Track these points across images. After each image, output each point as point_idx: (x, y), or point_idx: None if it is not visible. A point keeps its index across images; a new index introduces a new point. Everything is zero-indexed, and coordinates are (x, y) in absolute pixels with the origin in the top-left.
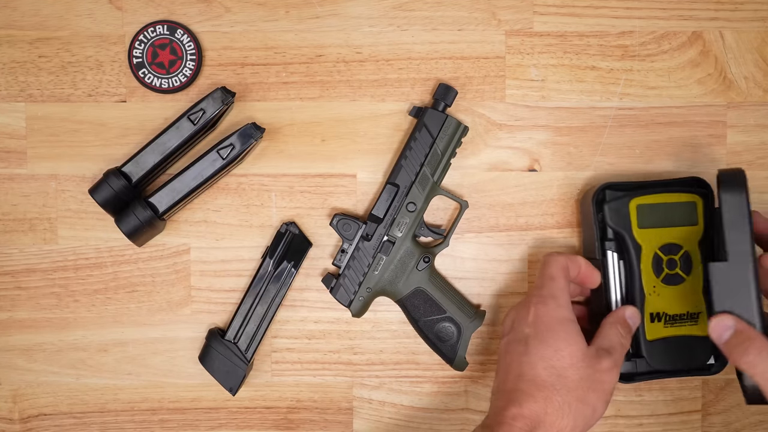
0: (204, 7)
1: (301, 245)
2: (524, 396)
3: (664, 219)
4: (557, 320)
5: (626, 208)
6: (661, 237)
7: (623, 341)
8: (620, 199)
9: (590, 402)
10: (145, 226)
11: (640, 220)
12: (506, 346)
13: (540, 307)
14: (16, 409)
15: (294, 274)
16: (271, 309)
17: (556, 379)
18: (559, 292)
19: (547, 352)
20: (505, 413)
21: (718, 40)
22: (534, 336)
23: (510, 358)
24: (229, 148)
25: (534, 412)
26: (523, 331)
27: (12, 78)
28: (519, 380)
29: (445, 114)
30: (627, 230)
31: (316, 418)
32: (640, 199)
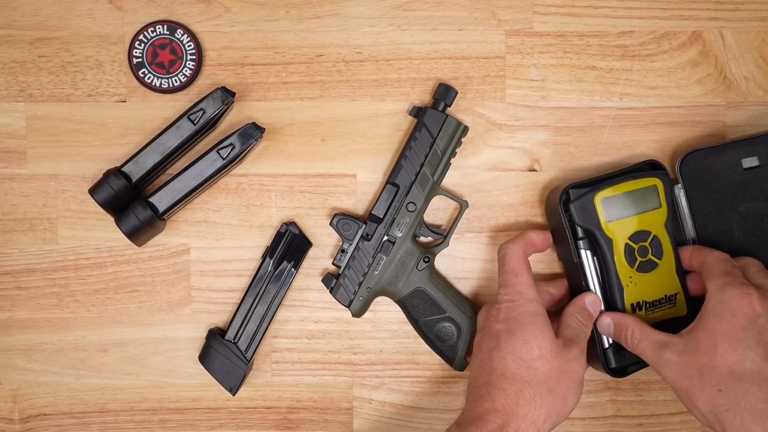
0: (204, 7)
1: (301, 245)
2: (496, 390)
3: (629, 207)
4: (526, 315)
5: (591, 203)
6: (630, 226)
7: (585, 329)
8: (585, 195)
9: (560, 392)
10: (145, 226)
11: (607, 214)
12: (479, 342)
13: (509, 305)
14: (16, 409)
15: (294, 274)
16: (271, 309)
17: (526, 372)
18: (525, 288)
19: (516, 345)
20: (478, 408)
21: (718, 40)
22: (504, 331)
23: (482, 354)
24: (229, 148)
25: (506, 405)
26: (494, 327)
27: (12, 78)
28: (491, 375)
29: (445, 114)
30: (596, 226)
31: (316, 418)
32: (603, 193)
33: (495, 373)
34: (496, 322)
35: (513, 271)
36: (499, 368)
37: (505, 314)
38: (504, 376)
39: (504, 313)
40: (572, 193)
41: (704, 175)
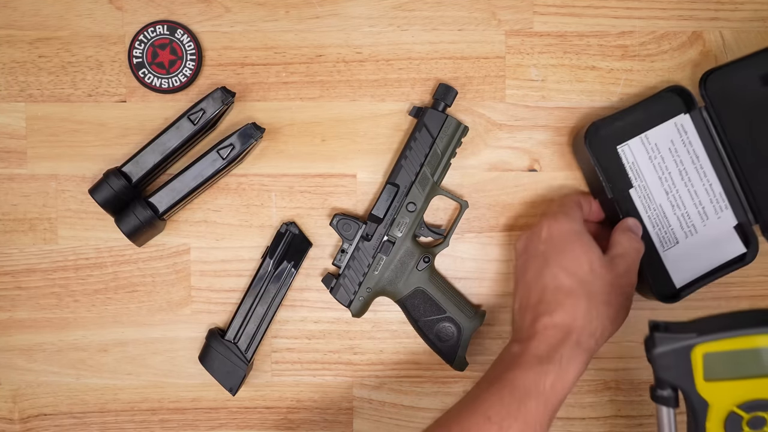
0: (204, 7)
1: (301, 245)
2: (552, 306)
3: (745, 367)
4: (571, 232)
5: (687, 358)
6: (741, 390)
7: (636, 245)
8: (678, 343)
9: (614, 304)
10: (145, 226)
11: (707, 371)
12: (524, 264)
13: (552, 223)
14: (16, 409)
15: (294, 274)
16: (271, 309)
17: (579, 286)
18: (570, 209)
19: (566, 260)
20: (536, 325)
21: (718, 40)
22: (551, 249)
23: (530, 275)
24: (229, 148)
25: (564, 320)
26: (538, 248)
27: (12, 78)
28: (544, 292)
29: (445, 114)
30: (689, 384)
31: (316, 418)
32: (707, 346)
33: (548, 290)
34: (540, 243)
35: (562, 199)
36: (553, 285)
37: (547, 233)
38: (560, 291)
39: (546, 233)
40: (659, 339)
41: (730, 96)
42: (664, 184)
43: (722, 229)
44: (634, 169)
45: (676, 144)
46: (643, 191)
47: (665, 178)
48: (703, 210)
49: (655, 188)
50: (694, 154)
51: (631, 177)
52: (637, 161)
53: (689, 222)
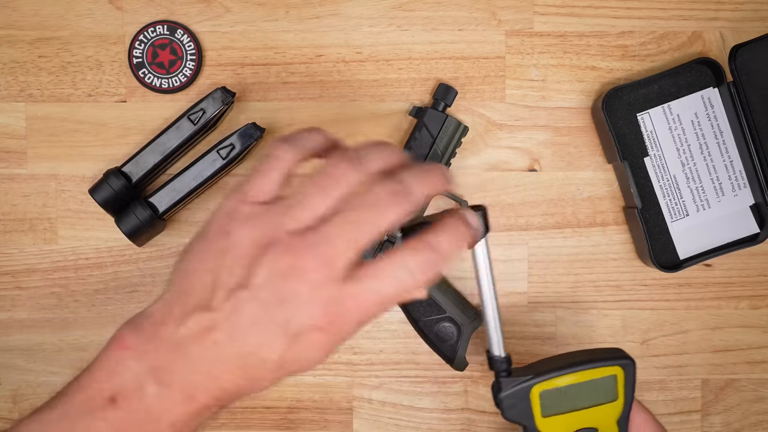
0: (204, 7)
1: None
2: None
3: (575, 400)
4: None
5: (527, 396)
6: (571, 422)
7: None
8: (519, 385)
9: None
10: (145, 226)
11: (544, 408)
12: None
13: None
14: (16, 409)
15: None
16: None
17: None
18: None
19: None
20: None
21: (718, 40)
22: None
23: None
24: (229, 148)
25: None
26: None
27: (12, 78)
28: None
29: (445, 114)
30: (529, 421)
31: (316, 418)
32: (542, 385)
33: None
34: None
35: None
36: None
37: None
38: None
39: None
40: (504, 383)
41: (759, 72)
42: (681, 156)
43: (737, 207)
44: (652, 138)
45: (700, 117)
46: (659, 161)
47: (683, 150)
48: (720, 186)
49: (671, 159)
50: (718, 129)
51: (647, 145)
52: (655, 130)
53: (703, 196)
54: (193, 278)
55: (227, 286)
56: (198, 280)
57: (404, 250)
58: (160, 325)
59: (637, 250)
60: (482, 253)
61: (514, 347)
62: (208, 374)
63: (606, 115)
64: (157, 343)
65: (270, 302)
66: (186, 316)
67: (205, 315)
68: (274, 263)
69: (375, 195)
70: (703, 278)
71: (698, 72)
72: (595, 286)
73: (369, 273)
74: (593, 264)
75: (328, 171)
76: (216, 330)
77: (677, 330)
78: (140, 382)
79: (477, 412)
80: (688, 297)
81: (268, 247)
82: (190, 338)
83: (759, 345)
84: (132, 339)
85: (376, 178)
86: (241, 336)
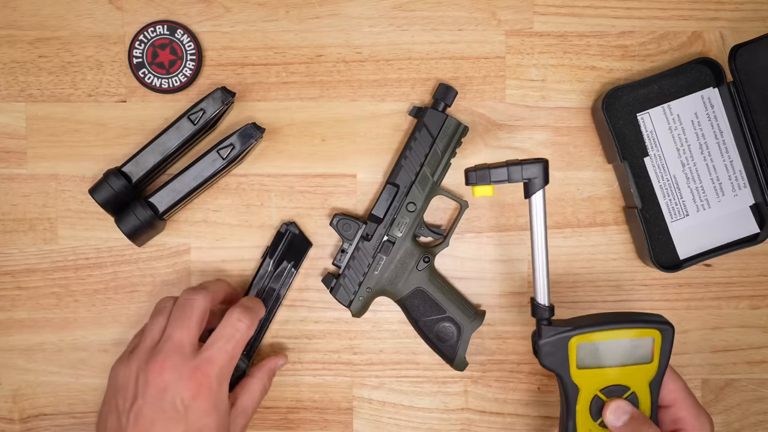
0: (204, 7)
1: (301, 245)
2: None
3: (611, 357)
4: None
5: (565, 346)
6: (605, 377)
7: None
8: (559, 338)
9: None
10: (145, 226)
11: (579, 360)
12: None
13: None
14: (16, 409)
15: (294, 274)
16: (273, 310)
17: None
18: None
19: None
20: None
21: (718, 40)
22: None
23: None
24: (229, 148)
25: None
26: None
27: (12, 78)
28: None
29: (445, 114)
30: (564, 370)
31: (316, 418)
32: (580, 338)
33: None
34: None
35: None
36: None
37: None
38: None
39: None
40: (544, 331)
41: (759, 72)
42: (682, 155)
43: (737, 207)
44: (652, 138)
45: (700, 117)
46: (659, 161)
47: (683, 150)
48: (720, 186)
49: (671, 159)
50: (718, 129)
51: (647, 145)
52: (655, 130)
53: (703, 196)
54: (104, 422)
55: (125, 408)
56: (107, 420)
57: (224, 321)
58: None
59: (637, 250)
60: (538, 204)
61: (514, 347)
62: None
63: (606, 115)
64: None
65: (156, 397)
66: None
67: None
68: (145, 374)
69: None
70: (703, 278)
71: (698, 72)
72: (594, 286)
73: (208, 343)
74: (593, 264)
75: (154, 312)
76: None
77: (677, 330)
78: None
79: (477, 412)
80: (688, 297)
81: (138, 370)
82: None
83: (759, 345)
84: None
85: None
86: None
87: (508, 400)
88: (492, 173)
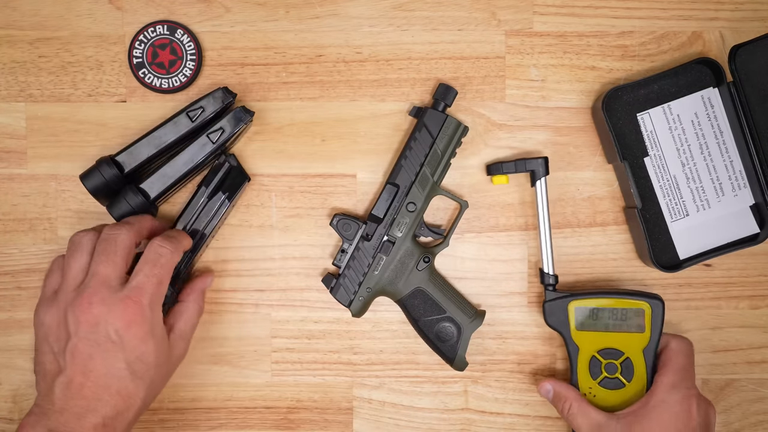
0: (204, 7)
1: (238, 178)
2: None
3: (604, 323)
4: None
5: (564, 308)
6: (600, 341)
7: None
8: (560, 301)
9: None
10: (137, 211)
11: (578, 321)
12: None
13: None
14: (16, 409)
15: (228, 207)
16: (201, 240)
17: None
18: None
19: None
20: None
21: (718, 40)
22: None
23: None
24: (219, 132)
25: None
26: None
27: (12, 78)
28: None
29: (445, 114)
30: (566, 330)
31: (316, 418)
32: (577, 302)
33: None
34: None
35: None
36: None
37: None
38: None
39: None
40: (548, 294)
41: (758, 72)
42: (681, 155)
43: (737, 207)
44: (652, 138)
45: (700, 117)
46: (659, 161)
47: (683, 150)
48: (720, 186)
49: (671, 159)
50: (718, 129)
51: (647, 145)
52: (655, 130)
53: (703, 196)
54: (42, 365)
55: (61, 349)
56: (44, 363)
57: (147, 249)
58: (40, 410)
59: (637, 250)
60: (542, 190)
61: (514, 347)
62: (88, 413)
63: (606, 115)
64: (44, 418)
65: (89, 332)
66: (50, 390)
67: (60, 377)
68: (74, 312)
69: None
70: (703, 278)
71: (698, 72)
72: (595, 286)
73: (133, 274)
74: (593, 264)
75: (69, 248)
76: (73, 379)
77: (677, 330)
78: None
79: (477, 412)
80: (688, 297)
81: (66, 310)
82: (63, 399)
83: (759, 345)
84: (28, 421)
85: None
86: (90, 370)
87: (508, 400)
88: (504, 166)
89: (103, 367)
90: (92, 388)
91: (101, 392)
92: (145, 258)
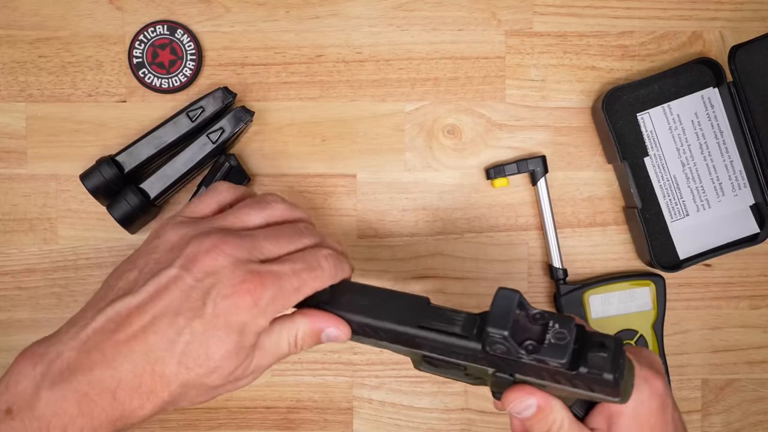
0: (204, 7)
1: (238, 179)
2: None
3: (617, 306)
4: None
5: (580, 299)
6: (616, 324)
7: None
8: (574, 292)
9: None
10: (137, 212)
11: (594, 311)
12: None
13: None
14: None
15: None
16: None
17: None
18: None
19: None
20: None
21: (718, 40)
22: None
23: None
24: (219, 132)
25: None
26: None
27: (12, 78)
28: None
29: None
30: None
31: (316, 418)
32: (591, 291)
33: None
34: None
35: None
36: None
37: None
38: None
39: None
40: (562, 288)
41: (758, 72)
42: (682, 156)
43: (737, 207)
44: (652, 138)
45: (700, 117)
46: (659, 161)
47: (683, 150)
48: (720, 186)
49: (671, 159)
50: (718, 129)
51: (647, 145)
52: (655, 130)
53: (703, 196)
54: (118, 278)
55: (152, 271)
56: (122, 277)
57: (313, 249)
58: (67, 328)
59: (637, 250)
60: (543, 188)
61: None
62: (101, 365)
63: (606, 115)
64: (58, 345)
65: (193, 277)
66: (99, 312)
67: (122, 302)
68: (198, 244)
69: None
70: (703, 278)
71: (698, 72)
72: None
73: (284, 259)
74: (593, 264)
75: (257, 198)
76: (134, 317)
77: (677, 330)
78: (36, 388)
79: (477, 412)
80: (688, 297)
81: (192, 238)
82: (100, 333)
83: (759, 345)
84: (36, 347)
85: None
86: (152, 323)
87: None
88: (506, 168)
89: (166, 325)
90: (131, 344)
91: (135, 356)
92: (305, 256)
